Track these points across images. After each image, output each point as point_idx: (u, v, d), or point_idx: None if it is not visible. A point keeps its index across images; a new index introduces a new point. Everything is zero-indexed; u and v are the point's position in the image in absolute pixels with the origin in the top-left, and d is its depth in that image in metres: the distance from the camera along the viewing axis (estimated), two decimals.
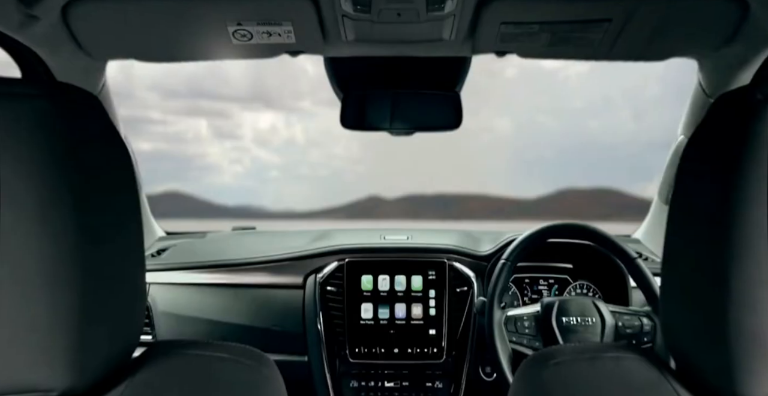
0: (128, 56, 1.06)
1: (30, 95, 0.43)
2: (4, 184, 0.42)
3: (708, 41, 0.99)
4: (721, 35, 0.95)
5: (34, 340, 0.44)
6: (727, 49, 0.98)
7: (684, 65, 1.14)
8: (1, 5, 0.82)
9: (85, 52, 1.01)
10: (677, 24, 0.94)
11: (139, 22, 0.95)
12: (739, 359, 0.44)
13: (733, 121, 0.45)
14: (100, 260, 0.47)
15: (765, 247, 0.42)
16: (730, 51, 0.98)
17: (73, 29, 0.94)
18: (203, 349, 0.59)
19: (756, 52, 0.95)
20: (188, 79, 1.55)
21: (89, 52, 1.01)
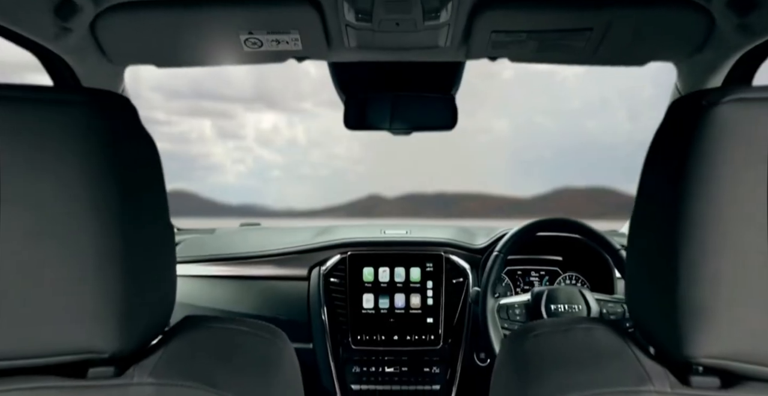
0: (147, 62, 1.14)
1: (78, 102, 0.50)
2: (61, 178, 0.49)
3: (681, 48, 1.06)
4: (692, 43, 1.03)
5: (90, 311, 0.51)
6: (700, 56, 1.06)
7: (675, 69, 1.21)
8: (39, 19, 0.90)
9: (108, 59, 1.08)
10: (652, 32, 1.01)
11: (159, 31, 1.02)
12: (685, 326, 0.51)
13: (682, 125, 0.52)
14: (141, 243, 0.54)
15: (706, 233, 0.49)
16: (702, 57, 1.06)
17: (99, 39, 1.01)
18: (227, 324, 0.67)
19: (725, 58, 1.03)
20: (191, 80, 1.60)
21: (112, 59, 1.09)
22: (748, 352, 0.49)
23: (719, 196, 0.49)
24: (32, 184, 0.48)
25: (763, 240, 0.48)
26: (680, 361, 0.52)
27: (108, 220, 0.50)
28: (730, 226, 0.49)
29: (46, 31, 0.93)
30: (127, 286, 0.52)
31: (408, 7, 0.96)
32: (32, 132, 0.48)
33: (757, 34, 0.93)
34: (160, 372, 0.55)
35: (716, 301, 0.49)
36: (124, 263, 0.52)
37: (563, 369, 0.58)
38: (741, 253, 0.49)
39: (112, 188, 0.51)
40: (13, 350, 0.50)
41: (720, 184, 0.49)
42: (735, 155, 0.48)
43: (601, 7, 0.97)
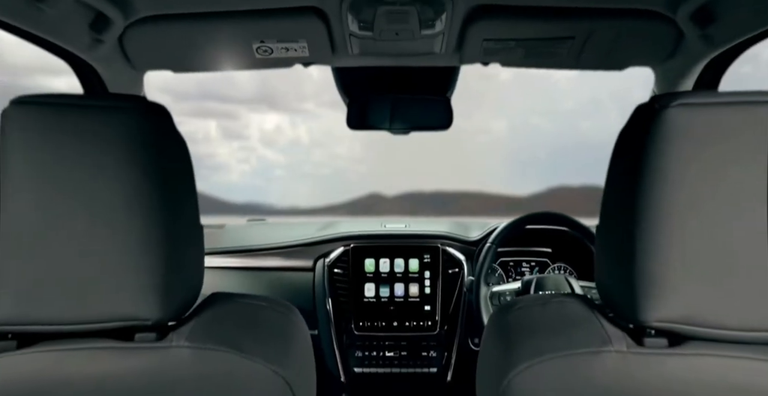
0: (166, 68, 1.22)
1: (127, 108, 0.59)
2: (114, 173, 0.57)
3: (654, 55, 1.14)
4: (664, 50, 1.11)
5: (137, 286, 0.59)
6: (672, 62, 1.14)
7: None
8: (76, 32, 0.98)
9: (132, 66, 1.17)
10: (627, 41, 1.10)
11: (179, 40, 1.10)
12: (640, 296, 0.59)
13: (639, 126, 0.61)
14: (177, 229, 0.63)
15: (657, 218, 0.57)
16: (674, 63, 1.14)
17: (125, 48, 1.10)
18: (248, 299, 0.75)
19: (694, 64, 1.11)
20: (198, 82, 1.69)
21: (135, 66, 1.17)
22: (690, 316, 0.58)
23: (667, 187, 0.57)
24: (91, 177, 0.57)
25: (704, 224, 0.57)
26: (635, 325, 0.61)
27: (151, 210, 0.59)
28: (677, 212, 0.57)
29: (81, 43, 1.02)
30: (166, 266, 0.61)
31: (406, 18, 1.04)
32: (91, 133, 0.57)
33: (719, 44, 1.02)
34: (194, 338, 0.64)
35: (665, 275, 0.58)
36: (164, 246, 0.60)
37: (539, 335, 0.67)
38: (685, 235, 0.57)
39: (155, 182, 0.59)
40: (76, 317, 0.58)
41: (668, 176, 0.57)
42: (680, 152, 0.56)
43: (581, 18, 1.05)
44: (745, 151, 0.56)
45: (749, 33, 0.95)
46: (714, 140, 0.56)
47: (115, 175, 0.57)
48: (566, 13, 1.05)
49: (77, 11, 0.94)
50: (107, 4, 0.94)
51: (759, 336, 0.57)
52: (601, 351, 0.61)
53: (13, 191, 0.57)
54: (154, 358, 0.61)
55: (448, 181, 6.28)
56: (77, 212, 0.57)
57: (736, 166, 0.56)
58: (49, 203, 0.57)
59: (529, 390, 0.63)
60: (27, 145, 0.56)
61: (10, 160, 0.56)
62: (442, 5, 1.00)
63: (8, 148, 0.56)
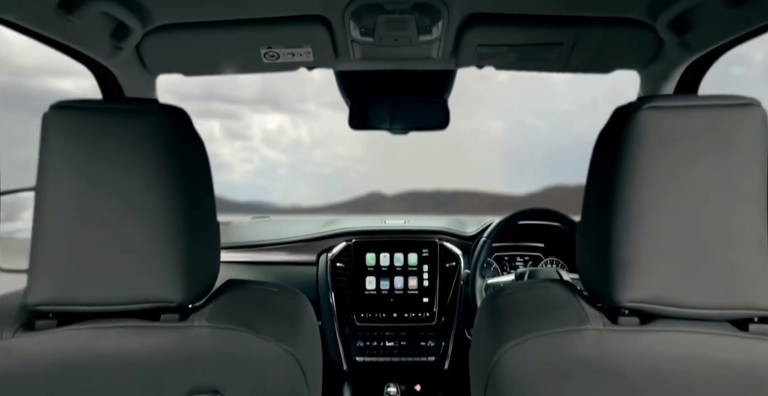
0: (179, 72, 1.28)
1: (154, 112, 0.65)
2: (143, 170, 0.63)
3: (637, 60, 1.21)
4: (646, 55, 1.17)
5: (163, 272, 0.65)
6: (654, 66, 1.20)
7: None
8: (98, 40, 1.05)
9: (147, 71, 1.23)
10: (611, 46, 1.16)
11: (191, 46, 1.16)
12: (615, 279, 0.65)
13: (615, 126, 0.66)
14: (197, 222, 0.69)
15: (628, 210, 0.63)
16: (656, 67, 1.20)
17: (141, 54, 1.16)
18: (261, 285, 0.81)
19: (674, 68, 1.17)
20: (202, 83, 1.72)
21: (149, 70, 1.23)
22: (659, 297, 0.64)
23: (639, 182, 0.63)
24: (122, 174, 0.63)
25: (671, 216, 0.63)
26: (611, 306, 0.67)
27: (175, 203, 0.65)
28: (647, 205, 0.63)
29: (102, 50, 1.08)
30: (188, 254, 0.67)
31: (405, 26, 1.10)
32: (121, 134, 0.63)
33: (696, 49, 1.08)
34: (213, 318, 0.69)
35: (636, 261, 0.64)
36: (187, 237, 0.66)
37: (525, 316, 0.73)
38: (654, 225, 0.63)
39: (178, 178, 0.65)
40: (109, 299, 0.64)
41: (640, 172, 0.63)
42: (650, 150, 0.62)
43: (568, 25, 1.11)
44: (706, 149, 0.62)
45: (723, 40, 1.01)
46: (680, 139, 0.62)
47: (143, 172, 0.63)
48: (554, 21, 1.11)
49: (101, 22, 1.01)
50: (128, 15, 1.00)
51: (718, 313, 0.63)
52: (580, 329, 0.67)
53: (52, 186, 0.63)
54: (178, 337, 0.67)
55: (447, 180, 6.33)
56: (110, 205, 0.63)
57: (699, 163, 0.62)
58: (85, 197, 0.63)
59: (516, 365, 0.69)
60: (65, 144, 0.62)
61: (49, 158, 0.62)
62: (438, 13, 1.06)
63: (48, 147, 0.62)
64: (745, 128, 0.61)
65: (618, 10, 1.05)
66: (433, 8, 1.05)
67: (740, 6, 0.88)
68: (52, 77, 2.11)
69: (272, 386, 0.70)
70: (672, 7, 0.97)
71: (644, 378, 0.65)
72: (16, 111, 3.03)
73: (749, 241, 0.62)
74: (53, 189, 0.63)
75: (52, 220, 0.63)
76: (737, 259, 0.62)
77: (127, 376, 0.66)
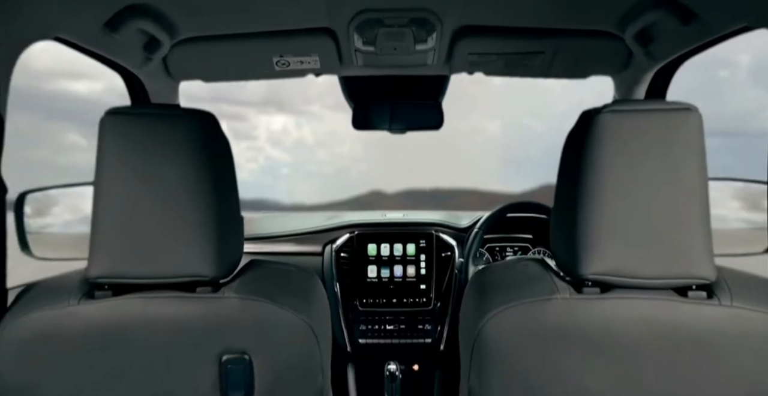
0: (199, 78, 1.39)
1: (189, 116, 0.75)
2: (181, 166, 0.73)
3: (610, 67, 1.31)
4: (618, 63, 1.28)
5: (198, 250, 0.75)
6: (626, 73, 1.31)
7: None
8: (132, 52, 1.16)
9: (171, 78, 1.34)
10: (587, 55, 1.26)
11: (212, 55, 1.27)
12: (580, 256, 0.75)
13: (580, 127, 0.77)
14: (226, 208, 0.79)
15: (592, 196, 0.74)
16: (627, 74, 1.31)
17: (167, 63, 1.27)
18: (279, 265, 0.92)
19: (643, 75, 1.28)
20: (211, 86, 1.79)
21: (173, 77, 1.34)
22: (616, 270, 0.74)
23: (599, 174, 0.74)
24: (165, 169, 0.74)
25: (625, 202, 0.73)
26: (576, 278, 0.77)
27: (208, 193, 0.76)
28: (605, 193, 0.73)
29: (135, 61, 1.19)
30: (219, 237, 0.77)
31: (403, 37, 1.20)
32: (164, 135, 0.73)
33: (660, 58, 1.19)
34: (241, 291, 0.80)
35: (597, 240, 0.74)
36: (218, 222, 0.77)
37: (505, 289, 0.83)
38: (611, 210, 0.73)
39: (210, 172, 0.76)
40: (154, 273, 0.75)
41: (599, 166, 0.74)
42: (608, 147, 0.73)
43: (548, 36, 1.22)
44: (655, 146, 0.72)
45: (681, 50, 1.12)
46: (634, 138, 0.73)
47: (182, 168, 0.74)
48: (536, 32, 1.22)
49: (137, 37, 1.12)
50: (159, 30, 1.11)
51: (664, 283, 0.74)
52: (551, 298, 0.78)
53: (107, 180, 0.73)
54: (211, 306, 0.78)
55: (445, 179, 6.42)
56: (155, 196, 0.74)
57: (649, 158, 0.73)
58: (134, 189, 0.73)
59: (498, 330, 0.80)
60: (118, 144, 0.73)
61: (105, 156, 0.73)
62: (432, 26, 1.17)
63: (104, 146, 0.73)
64: (685, 129, 0.72)
65: (592, 24, 1.16)
66: (427, 22, 1.15)
67: (689, 24, 0.99)
68: (66, 80, 2.17)
69: (290, 350, 0.81)
70: (636, 21, 1.07)
71: (604, 338, 0.75)
72: (32, 113, 3.11)
73: (690, 223, 0.73)
74: (108, 182, 0.73)
75: (107, 209, 0.73)
76: (679, 237, 0.73)
77: (169, 338, 0.76)
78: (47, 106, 7.10)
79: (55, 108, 7.70)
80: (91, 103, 8.63)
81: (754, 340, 0.71)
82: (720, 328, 0.72)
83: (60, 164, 6.00)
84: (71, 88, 9.99)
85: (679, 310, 0.74)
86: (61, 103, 8.13)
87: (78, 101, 9.08)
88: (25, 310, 0.75)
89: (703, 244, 0.73)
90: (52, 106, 7.39)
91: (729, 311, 0.72)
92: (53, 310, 0.75)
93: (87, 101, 7.82)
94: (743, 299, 0.73)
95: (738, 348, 0.72)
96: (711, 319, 0.73)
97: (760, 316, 0.72)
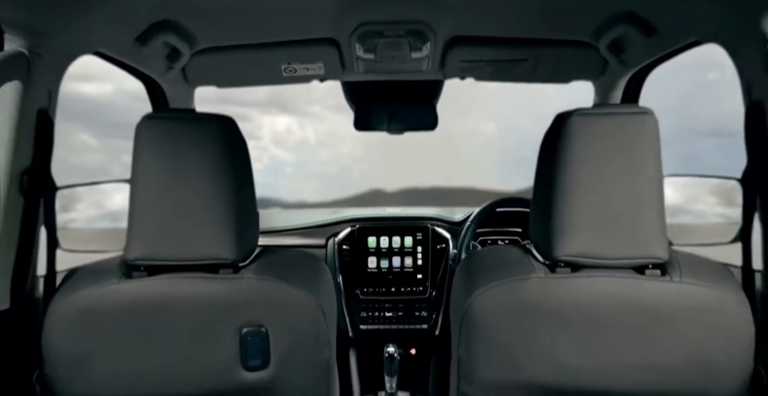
0: (214, 84, 1.49)
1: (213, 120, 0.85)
2: (206, 164, 0.83)
3: (588, 73, 1.41)
4: (595, 70, 1.38)
5: (221, 237, 0.84)
6: (603, 78, 1.41)
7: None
8: (156, 62, 1.25)
9: (188, 84, 1.43)
10: (567, 62, 1.36)
11: (226, 63, 1.37)
12: (553, 240, 0.84)
13: (555, 128, 0.86)
14: (245, 199, 0.88)
15: (563, 190, 0.83)
16: (604, 79, 1.41)
17: (185, 71, 1.37)
18: (290, 251, 1.01)
19: (618, 80, 1.37)
20: (216, 88, 1.85)
21: (190, 83, 1.44)
22: (584, 252, 0.83)
23: (569, 170, 0.83)
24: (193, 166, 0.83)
25: (591, 194, 0.82)
26: (551, 259, 0.87)
27: (229, 187, 0.85)
28: (575, 187, 0.82)
29: (158, 69, 1.29)
30: (238, 226, 0.86)
31: (400, 47, 1.30)
32: (192, 137, 0.83)
33: (631, 66, 1.28)
34: (258, 273, 0.89)
35: (568, 227, 0.83)
36: (237, 214, 0.86)
37: (490, 270, 0.93)
38: (580, 201, 0.82)
39: (231, 169, 0.85)
40: (183, 256, 0.84)
41: (570, 163, 0.83)
42: (577, 146, 0.82)
43: (532, 45, 1.32)
44: (618, 144, 0.82)
45: (648, 60, 1.22)
46: (599, 138, 0.82)
47: (207, 165, 0.84)
48: (521, 42, 1.32)
49: (161, 48, 1.21)
50: (182, 43, 1.20)
51: (625, 262, 0.83)
52: (528, 277, 0.87)
53: (143, 176, 0.83)
54: (232, 285, 0.88)
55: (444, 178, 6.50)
56: (183, 189, 0.83)
57: (612, 155, 0.82)
58: (167, 184, 0.83)
59: (483, 306, 0.89)
60: (153, 145, 0.83)
61: (141, 154, 0.83)
62: (426, 37, 1.27)
63: (140, 146, 0.83)
64: (643, 130, 0.82)
65: (570, 34, 1.26)
66: (422, 33, 1.25)
67: (651, 37, 1.09)
68: (77, 82, 2.27)
69: (301, 324, 0.90)
70: (608, 33, 1.17)
71: (574, 310, 0.85)
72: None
73: (647, 211, 0.82)
74: (144, 178, 0.83)
75: (143, 201, 0.83)
76: (638, 224, 0.82)
77: (197, 312, 0.86)
78: (59, 107, 7.26)
79: (66, 109, 7.89)
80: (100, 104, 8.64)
81: (698, 310, 0.81)
82: (671, 301, 0.82)
83: (72, 164, 6.22)
84: (81, 90, 10.12)
85: (637, 286, 0.84)
86: (71, 104, 8.39)
87: (88, 102, 9.13)
88: (74, 289, 0.85)
89: (658, 229, 0.82)
90: (64, 108, 7.52)
91: (679, 286, 0.82)
92: (98, 289, 0.84)
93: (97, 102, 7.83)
94: (691, 276, 0.83)
95: (685, 318, 0.81)
96: (664, 293, 0.82)
97: (704, 291, 0.82)
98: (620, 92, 1.41)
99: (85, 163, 5.40)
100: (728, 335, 0.82)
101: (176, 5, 1.05)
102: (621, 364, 0.84)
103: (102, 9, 0.93)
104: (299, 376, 0.91)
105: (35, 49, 0.87)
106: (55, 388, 0.85)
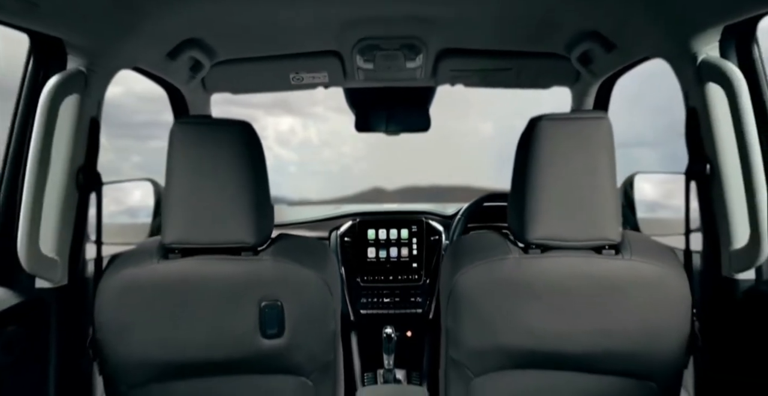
0: (228, 91, 1.62)
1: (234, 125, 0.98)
2: (230, 163, 0.95)
3: (564, 81, 1.54)
4: (569, 78, 1.51)
5: (243, 224, 0.95)
6: (578, 85, 1.54)
7: (631, 81, 1.58)
8: (180, 73, 1.38)
9: (206, 91, 1.57)
10: (546, 71, 1.49)
11: (240, 73, 1.50)
12: (525, 225, 0.97)
13: (527, 131, 0.99)
14: (260, 196, 1.00)
15: (532, 183, 0.95)
16: (579, 86, 1.54)
17: (204, 80, 1.50)
18: (301, 237, 1.14)
19: (589, 88, 1.51)
20: (231, 94, 1.92)
21: (208, 90, 1.57)
22: (552, 235, 0.96)
23: (539, 167, 0.96)
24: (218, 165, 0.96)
25: (558, 186, 0.95)
26: (524, 242, 0.99)
27: (249, 182, 0.98)
28: (543, 180, 0.95)
29: (182, 79, 1.42)
30: (256, 214, 0.99)
31: (396, 58, 1.43)
32: (218, 140, 0.96)
33: (599, 76, 1.42)
34: (274, 255, 1.02)
35: (538, 213, 0.96)
36: (256, 203, 0.98)
37: (472, 252, 1.05)
38: (548, 192, 0.95)
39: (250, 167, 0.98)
40: (211, 240, 0.96)
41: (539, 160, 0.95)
42: (544, 147, 0.95)
43: (514, 57, 1.45)
44: (579, 145, 0.95)
45: (612, 70, 1.35)
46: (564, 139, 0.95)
47: (230, 163, 0.96)
48: (503, 54, 1.45)
49: (187, 62, 1.35)
50: (204, 56, 1.34)
51: (585, 244, 0.97)
52: (506, 258, 1.00)
53: (177, 174, 0.96)
54: (252, 266, 1.00)
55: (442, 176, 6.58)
56: (211, 184, 0.96)
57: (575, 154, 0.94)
58: (197, 180, 0.96)
59: (467, 283, 1.01)
60: (185, 146, 0.96)
61: (175, 154, 0.96)
62: (419, 49, 1.40)
63: (174, 147, 0.96)
64: (598, 132, 0.95)
65: (546, 47, 1.39)
66: (415, 46, 1.38)
67: (612, 52, 1.22)
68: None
69: (311, 299, 1.03)
70: (577, 48, 1.30)
71: (543, 286, 0.98)
72: None
73: (603, 200, 0.95)
74: (177, 173, 0.96)
75: (177, 194, 0.96)
76: (596, 211, 0.95)
77: (222, 289, 0.99)
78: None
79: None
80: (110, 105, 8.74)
81: (646, 284, 0.95)
82: (623, 276, 0.95)
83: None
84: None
85: (595, 264, 0.97)
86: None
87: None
88: (119, 268, 0.98)
89: (613, 216, 0.95)
90: None
91: (629, 264, 0.96)
92: (139, 268, 0.98)
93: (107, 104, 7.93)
94: (640, 255, 0.96)
95: (635, 290, 0.95)
96: (617, 270, 0.96)
97: (651, 267, 0.95)
98: (592, 98, 1.55)
99: (98, 162, 5.41)
100: (670, 305, 0.95)
101: (203, 25, 1.18)
102: (582, 329, 0.97)
103: (144, 30, 1.07)
104: (310, 343, 1.04)
105: (90, 66, 1.00)
106: (104, 351, 0.98)
